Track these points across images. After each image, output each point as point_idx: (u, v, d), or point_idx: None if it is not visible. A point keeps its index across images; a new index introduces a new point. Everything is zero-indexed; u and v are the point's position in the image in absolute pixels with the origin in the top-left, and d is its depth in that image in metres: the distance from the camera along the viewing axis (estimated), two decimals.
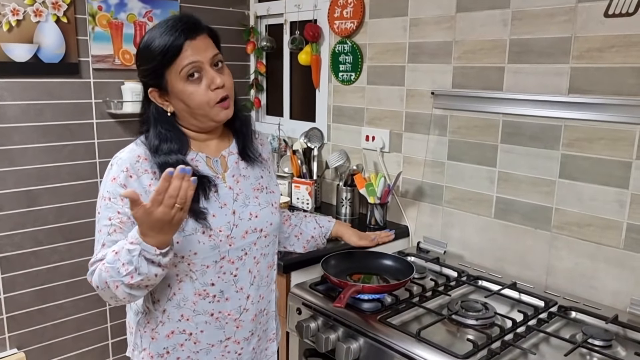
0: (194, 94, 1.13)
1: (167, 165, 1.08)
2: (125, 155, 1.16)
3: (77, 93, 2.22)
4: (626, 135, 1.46)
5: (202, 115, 1.16)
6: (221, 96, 1.15)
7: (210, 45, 1.16)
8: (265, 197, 1.29)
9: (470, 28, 1.78)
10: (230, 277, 1.22)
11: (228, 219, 1.20)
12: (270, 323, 1.36)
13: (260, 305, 1.29)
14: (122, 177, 1.13)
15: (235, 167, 1.26)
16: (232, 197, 1.22)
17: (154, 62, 1.12)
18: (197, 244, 1.15)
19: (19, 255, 2.17)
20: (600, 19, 1.48)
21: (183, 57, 1.11)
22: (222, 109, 1.16)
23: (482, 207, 1.83)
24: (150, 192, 1.05)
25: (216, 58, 1.16)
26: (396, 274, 1.61)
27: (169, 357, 1.23)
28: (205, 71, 1.13)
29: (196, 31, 1.13)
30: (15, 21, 2.00)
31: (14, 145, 2.09)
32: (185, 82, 1.12)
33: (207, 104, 1.14)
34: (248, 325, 1.27)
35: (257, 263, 1.26)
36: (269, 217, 1.27)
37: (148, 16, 2.34)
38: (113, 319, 2.46)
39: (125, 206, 1.10)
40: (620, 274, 1.52)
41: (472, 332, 1.36)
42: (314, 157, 2.38)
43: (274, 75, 2.75)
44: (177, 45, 1.10)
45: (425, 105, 1.96)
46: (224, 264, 1.20)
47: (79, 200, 2.28)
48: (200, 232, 1.15)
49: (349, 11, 2.17)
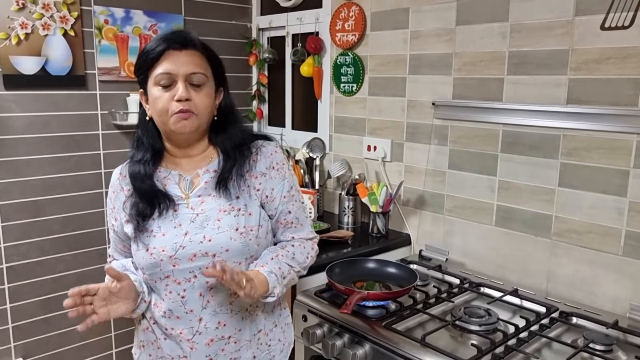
0: (158, 100, 1.18)
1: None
2: (115, 171, 1.32)
3: (83, 105, 2.25)
4: (623, 145, 1.50)
5: (162, 123, 1.20)
6: (179, 109, 1.16)
7: (195, 62, 1.18)
8: (230, 220, 1.20)
9: (469, 40, 1.83)
10: (178, 297, 1.20)
11: (176, 240, 1.18)
12: (244, 352, 1.26)
13: (222, 332, 1.22)
14: (110, 191, 1.31)
15: (205, 187, 1.23)
16: (190, 217, 1.21)
17: (139, 63, 1.20)
18: (142, 259, 1.21)
19: (24, 265, 2.19)
20: (596, 32, 1.52)
21: (159, 65, 1.17)
22: (180, 119, 1.17)
23: (483, 215, 1.86)
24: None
25: (195, 76, 1.17)
26: (399, 281, 1.64)
27: (144, 351, 1.32)
28: (176, 83, 1.17)
29: (183, 44, 1.18)
30: (24, 34, 2.04)
31: (21, 156, 2.12)
32: (157, 87, 1.18)
33: (165, 112, 1.17)
34: (203, 349, 1.22)
35: (210, 288, 1.20)
36: (224, 243, 1.18)
37: (153, 29, 2.38)
38: (117, 329, 2.47)
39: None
40: (620, 280, 1.55)
41: (476, 338, 1.38)
42: (316, 166, 2.41)
43: (276, 87, 2.79)
44: (158, 52, 1.17)
45: (426, 116, 2.00)
46: (169, 283, 1.21)
47: (84, 211, 2.30)
48: (145, 249, 1.20)
49: (351, 24, 2.22)
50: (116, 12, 2.27)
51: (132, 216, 1.22)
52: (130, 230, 1.23)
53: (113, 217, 1.29)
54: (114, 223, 1.29)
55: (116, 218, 1.28)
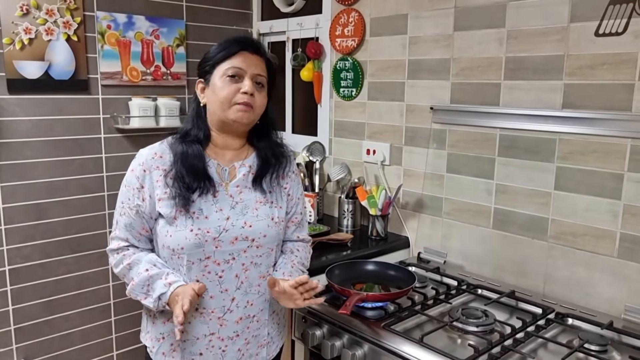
0: (223, 89, 1.29)
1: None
2: (145, 151, 1.34)
3: (86, 109, 2.28)
4: (618, 148, 1.53)
5: (221, 110, 1.30)
6: (243, 100, 1.28)
7: (262, 67, 1.33)
8: (267, 210, 1.35)
9: (467, 46, 1.86)
10: (215, 277, 1.30)
11: (219, 223, 1.29)
12: (262, 330, 1.39)
13: (249, 310, 1.34)
14: (137, 170, 1.31)
15: (243, 179, 1.36)
16: (230, 204, 1.32)
17: (210, 55, 1.32)
18: (184, 240, 1.27)
19: (27, 267, 2.21)
20: (591, 38, 1.55)
21: (232, 61, 1.30)
22: (239, 110, 1.29)
23: (480, 218, 1.88)
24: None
25: (260, 77, 1.32)
26: (398, 283, 1.66)
27: (163, 342, 1.35)
28: (244, 79, 1.29)
29: (255, 50, 1.33)
30: (27, 39, 2.07)
31: (25, 159, 2.15)
32: (224, 78, 1.29)
33: (228, 101, 1.28)
34: (232, 325, 1.33)
35: (245, 270, 1.32)
36: (263, 229, 1.33)
37: (155, 34, 2.41)
38: (118, 331, 2.49)
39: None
40: (615, 282, 1.57)
41: (473, 338, 1.41)
42: (316, 170, 2.44)
43: (277, 91, 2.75)
44: (233, 50, 1.30)
45: (425, 120, 2.02)
46: (209, 264, 1.29)
47: (87, 213, 2.33)
48: (189, 229, 1.26)
49: (350, 29, 2.25)
50: (118, 17, 2.30)
51: (175, 192, 1.27)
52: (167, 210, 1.27)
53: (139, 197, 1.30)
54: (140, 203, 1.30)
55: (144, 198, 1.30)
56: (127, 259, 1.32)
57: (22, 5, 2.04)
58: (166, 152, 1.33)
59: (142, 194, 1.30)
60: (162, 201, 1.28)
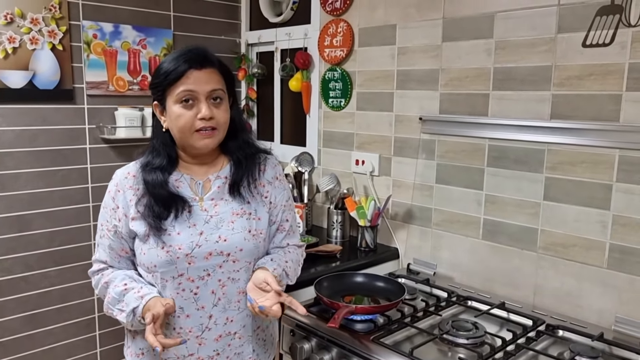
0: (180, 117, 1.23)
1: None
2: (120, 172, 1.33)
3: (71, 119, 2.25)
4: (606, 159, 1.53)
5: (183, 139, 1.26)
6: (202, 126, 1.23)
7: (214, 79, 1.25)
8: (243, 222, 1.30)
9: (456, 57, 1.86)
10: (190, 294, 1.26)
11: (192, 239, 1.25)
12: (246, 347, 1.34)
13: (229, 327, 1.30)
14: (113, 191, 1.31)
15: (217, 191, 1.32)
16: (205, 219, 1.28)
17: (159, 80, 1.25)
18: (156, 257, 1.24)
19: (9, 281, 2.16)
20: (578, 49, 1.56)
21: (181, 83, 1.22)
22: (202, 138, 1.24)
23: (470, 228, 1.87)
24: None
25: (215, 93, 1.25)
26: (387, 295, 1.64)
27: (143, 358, 1.33)
28: (198, 101, 1.23)
29: (203, 63, 1.24)
30: (11, 48, 2.04)
31: (7, 170, 2.10)
32: (179, 104, 1.23)
33: (188, 129, 1.23)
34: (211, 344, 1.29)
35: (222, 286, 1.28)
36: (239, 243, 1.28)
37: (142, 44, 2.39)
38: (103, 345, 2.44)
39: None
40: (605, 293, 1.57)
41: (464, 351, 1.39)
42: (304, 181, 2.42)
43: (265, 101, 2.80)
44: (180, 72, 1.22)
45: (414, 130, 2.02)
46: (182, 281, 1.25)
47: (71, 225, 2.28)
48: (160, 247, 1.24)
49: (339, 40, 2.25)
50: (105, 26, 2.27)
51: (146, 216, 1.25)
52: (140, 228, 1.25)
53: (115, 217, 1.29)
54: (117, 224, 1.28)
55: (119, 218, 1.28)
56: (105, 277, 1.31)
57: (6, 14, 2.01)
58: (139, 172, 1.30)
59: (118, 214, 1.28)
60: (135, 220, 1.27)
